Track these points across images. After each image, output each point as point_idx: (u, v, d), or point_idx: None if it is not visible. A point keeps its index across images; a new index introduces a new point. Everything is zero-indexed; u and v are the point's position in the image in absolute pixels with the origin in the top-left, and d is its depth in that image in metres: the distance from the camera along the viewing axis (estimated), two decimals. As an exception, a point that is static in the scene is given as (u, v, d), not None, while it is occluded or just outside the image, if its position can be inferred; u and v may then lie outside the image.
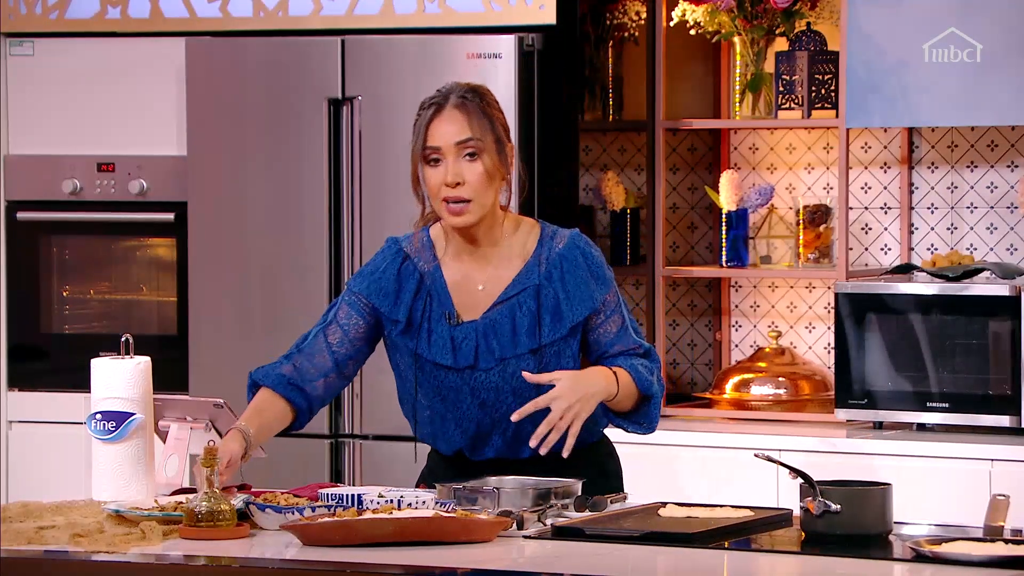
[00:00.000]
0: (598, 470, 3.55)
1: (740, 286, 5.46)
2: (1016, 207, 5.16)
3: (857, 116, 4.92)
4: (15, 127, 5.53)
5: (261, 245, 5.19)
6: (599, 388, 3.45)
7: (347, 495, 3.28)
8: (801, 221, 5.21)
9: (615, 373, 3.48)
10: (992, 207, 5.20)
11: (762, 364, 5.23)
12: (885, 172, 5.31)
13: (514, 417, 3.40)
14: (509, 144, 3.51)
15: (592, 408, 3.44)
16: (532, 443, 3.40)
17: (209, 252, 5.23)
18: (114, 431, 3.44)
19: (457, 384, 3.51)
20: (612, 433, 3.69)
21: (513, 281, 3.50)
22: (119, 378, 3.46)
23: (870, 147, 5.32)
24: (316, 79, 5.10)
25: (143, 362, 3.48)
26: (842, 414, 4.92)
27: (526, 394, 3.46)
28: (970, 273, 4.90)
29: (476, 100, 3.48)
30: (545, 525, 3.23)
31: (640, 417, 3.55)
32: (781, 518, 3.28)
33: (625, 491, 3.53)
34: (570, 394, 3.40)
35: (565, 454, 3.40)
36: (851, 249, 5.22)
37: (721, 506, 3.31)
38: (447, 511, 3.16)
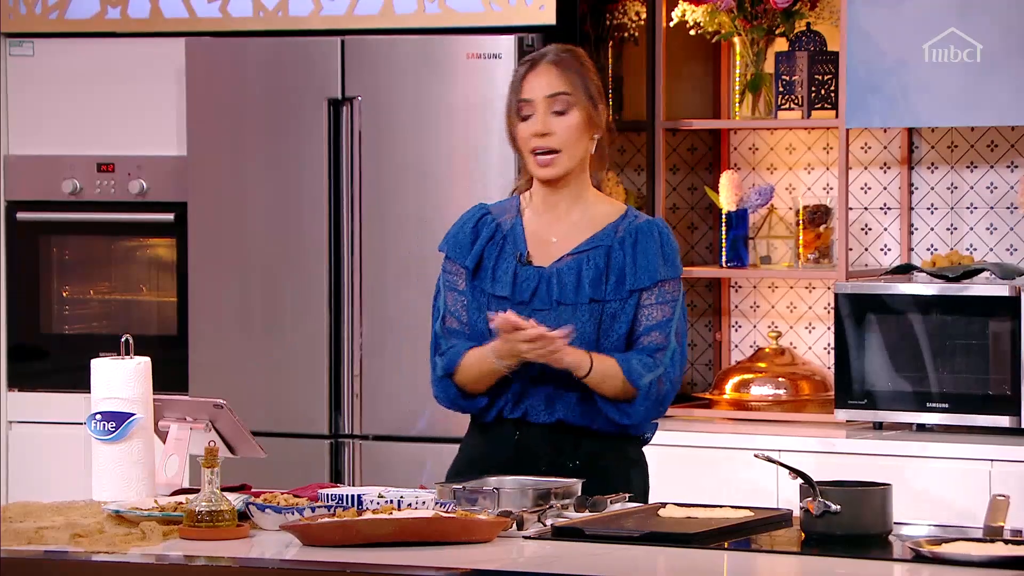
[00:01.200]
0: (623, 477, 3.54)
1: (740, 286, 5.46)
2: (1016, 207, 5.16)
3: (857, 116, 4.92)
4: (15, 127, 5.53)
5: (261, 245, 5.19)
6: (567, 352, 3.48)
7: (347, 495, 3.28)
8: (801, 221, 5.21)
9: (592, 357, 3.49)
10: (992, 207, 5.20)
11: (762, 364, 5.23)
12: (885, 172, 5.31)
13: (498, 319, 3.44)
14: (603, 106, 3.61)
15: (560, 359, 3.45)
16: (494, 324, 3.44)
17: (209, 252, 5.23)
18: (114, 431, 3.44)
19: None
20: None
21: (588, 239, 3.58)
22: (119, 378, 3.46)
23: (870, 147, 5.32)
24: (316, 79, 5.10)
25: (143, 362, 3.48)
26: (842, 414, 4.92)
27: (573, 343, 3.50)
28: (970, 273, 4.90)
29: (571, 58, 3.59)
30: (545, 525, 3.23)
31: (622, 407, 3.54)
32: (781, 518, 3.28)
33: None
34: (559, 336, 3.45)
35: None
36: (851, 249, 5.22)
37: (721, 506, 3.31)
38: (447, 511, 3.16)
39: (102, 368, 3.47)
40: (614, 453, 3.59)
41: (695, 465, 4.89)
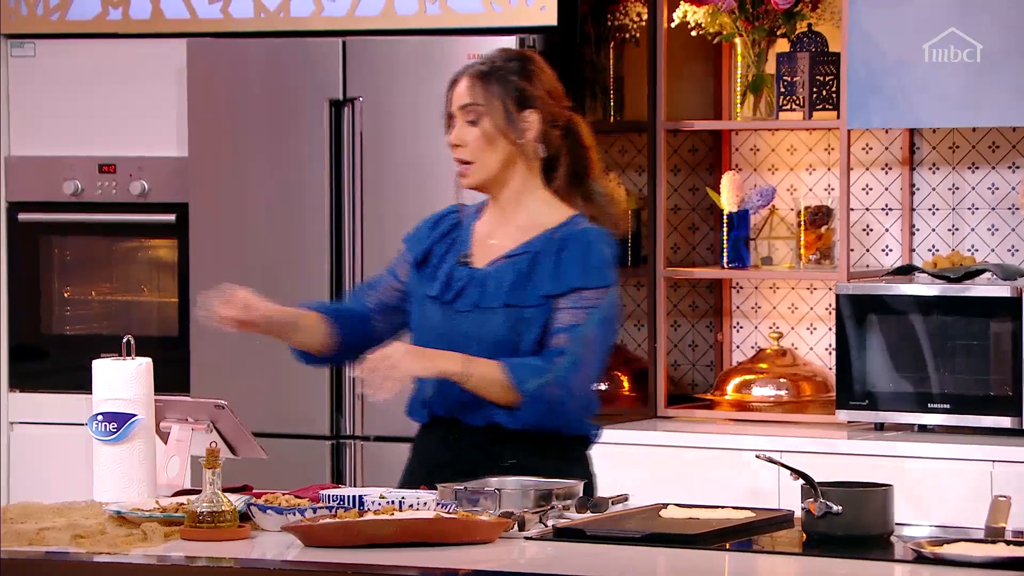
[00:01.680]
0: (562, 476, 3.54)
1: (741, 287, 5.46)
2: (1017, 208, 5.16)
3: (858, 117, 4.92)
4: (16, 128, 5.53)
5: (262, 246, 5.19)
6: (440, 360, 3.50)
7: (348, 496, 3.28)
8: (802, 222, 5.21)
9: (470, 361, 3.50)
10: (993, 208, 5.20)
11: (763, 365, 5.23)
12: (886, 173, 5.31)
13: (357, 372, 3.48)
14: (531, 111, 3.59)
15: (427, 370, 3.48)
16: (355, 373, 3.46)
17: (210, 253, 5.23)
18: (115, 432, 3.44)
19: (439, 321, 3.60)
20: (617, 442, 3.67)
21: (522, 244, 3.60)
22: (121, 379, 3.46)
23: (871, 148, 5.32)
24: (317, 80, 5.10)
25: (144, 363, 3.48)
26: (843, 415, 4.92)
27: (487, 345, 3.54)
28: (971, 274, 4.90)
29: (502, 67, 3.62)
30: (546, 526, 3.23)
31: (512, 409, 3.54)
32: (782, 519, 3.28)
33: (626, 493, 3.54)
34: (402, 350, 3.48)
35: (375, 397, 3.44)
36: (852, 250, 5.22)
37: (722, 507, 3.31)
38: (448, 512, 3.16)
39: (103, 369, 3.47)
40: (554, 452, 3.60)
41: (697, 466, 4.89)
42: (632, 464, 4.95)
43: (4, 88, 5.52)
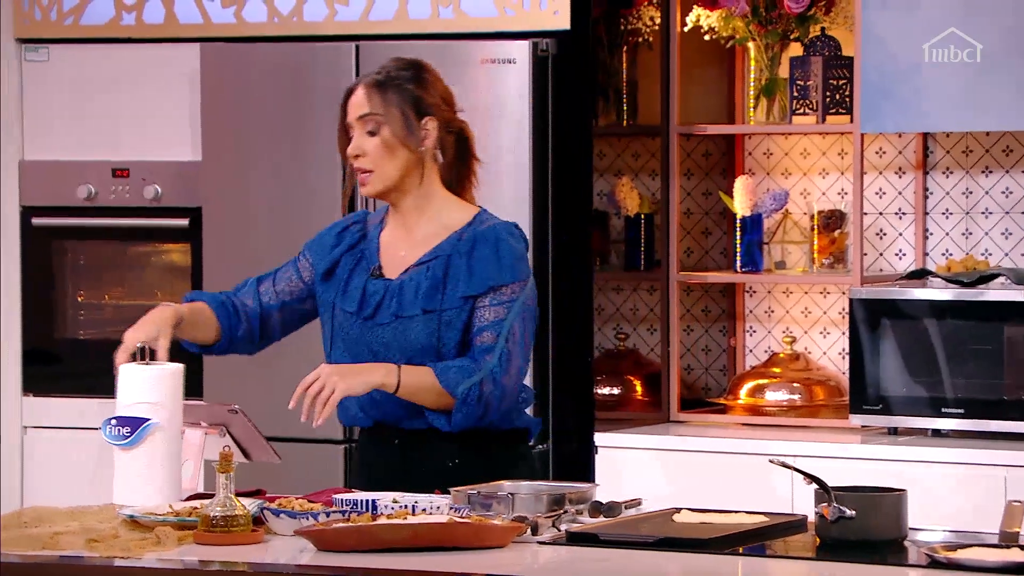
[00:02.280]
0: (505, 475, 3.56)
1: (754, 291, 5.46)
2: (1031, 212, 5.15)
3: (871, 121, 4.92)
4: (30, 133, 5.54)
5: (275, 250, 5.19)
6: (368, 373, 3.52)
7: (361, 500, 3.28)
8: (816, 226, 5.21)
9: (400, 371, 3.53)
10: (1007, 212, 5.19)
11: (776, 370, 5.22)
12: (900, 177, 5.31)
13: (292, 405, 3.49)
14: (428, 118, 3.64)
15: (357, 386, 3.50)
16: (291, 405, 3.49)
17: (223, 257, 5.23)
18: (129, 436, 3.44)
19: (358, 334, 3.63)
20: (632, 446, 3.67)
21: (431, 249, 3.63)
22: (145, 384, 3.46)
23: (885, 152, 5.31)
24: (330, 84, 5.10)
25: (173, 368, 3.49)
26: (856, 420, 4.92)
27: (411, 354, 3.57)
28: (985, 279, 4.89)
29: (396, 77, 3.65)
30: (559, 530, 3.23)
31: (446, 413, 3.57)
32: (796, 524, 3.28)
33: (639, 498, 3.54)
34: (329, 371, 3.50)
35: (315, 423, 3.46)
36: (866, 254, 5.21)
37: (736, 512, 3.31)
38: (461, 516, 3.16)
39: (129, 374, 3.48)
40: (496, 451, 3.63)
41: (710, 470, 4.89)
42: (645, 468, 4.95)
43: (18, 93, 5.54)
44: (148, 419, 3.45)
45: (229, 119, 5.22)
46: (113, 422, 3.46)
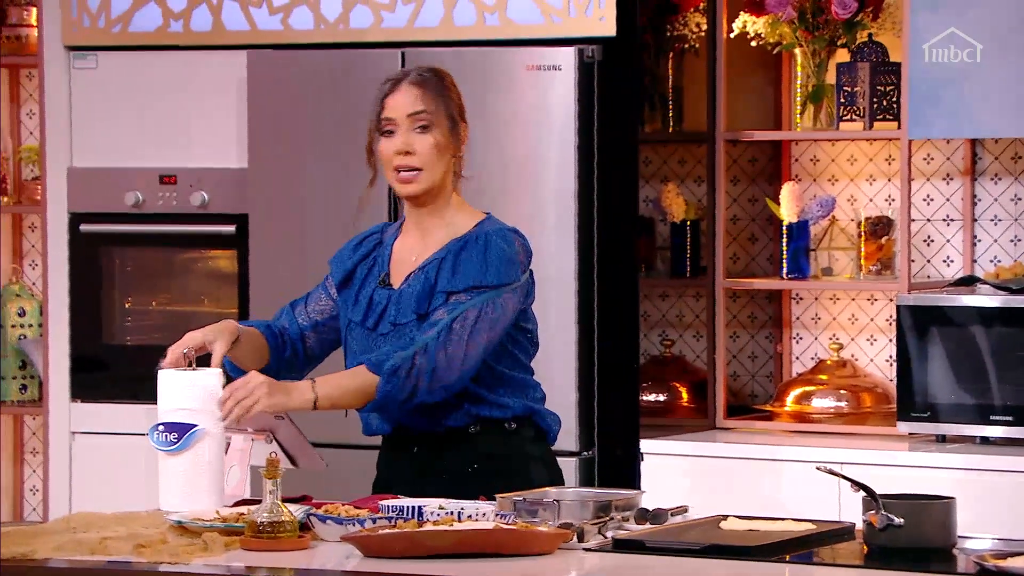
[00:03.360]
0: (523, 474, 3.57)
1: (801, 298, 5.44)
2: (1080, 218, 5.12)
3: (919, 127, 4.90)
4: (79, 140, 5.57)
5: (321, 257, 5.19)
6: (288, 397, 3.50)
7: (408, 507, 3.28)
8: (863, 233, 5.19)
9: (320, 382, 3.50)
10: (1056, 219, 5.16)
11: (823, 376, 5.20)
12: (948, 183, 5.28)
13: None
14: (463, 124, 3.67)
15: (276, 406, 3.48)
16: (220, 399, 3.46)
17: (269, 264, 5.24)
18: (176, 442, 3.46)
19: (364, 345, 3.64)
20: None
21: (431, 255, 3.64)
22: (188, 389, 3.47)
23: (932, 158, 5.29)
24: (376, 91, 5.11)
25: (214, 372, 3.50)
26: (904, 427, 4.89)
27: None
28: (1034, 285, 4.86)
29: (433, 79, 3.66)
30: (605, 537, 3.22)
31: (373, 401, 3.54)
32: (843, 531, 3.26)
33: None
34: (259, 382, 3.46)
35: (224, 423, 3.44)
36: (913, 261, 5.19)
37: (783, 519, 3.30)
38: (507, 523, 3.16)
39: (169, 379, 3.49)
40: (512, 449, 3.63)
41: (756, 477, 4.87)
42: (691, 475, 4.94)
43: (67, 100, 5.57)
44: (195, 425, 3.46)
45: (275, 126, 5.24)
46: (160, 428, 3.47)
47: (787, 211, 5.19)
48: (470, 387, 3.58)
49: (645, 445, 5.00)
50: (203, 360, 3.60)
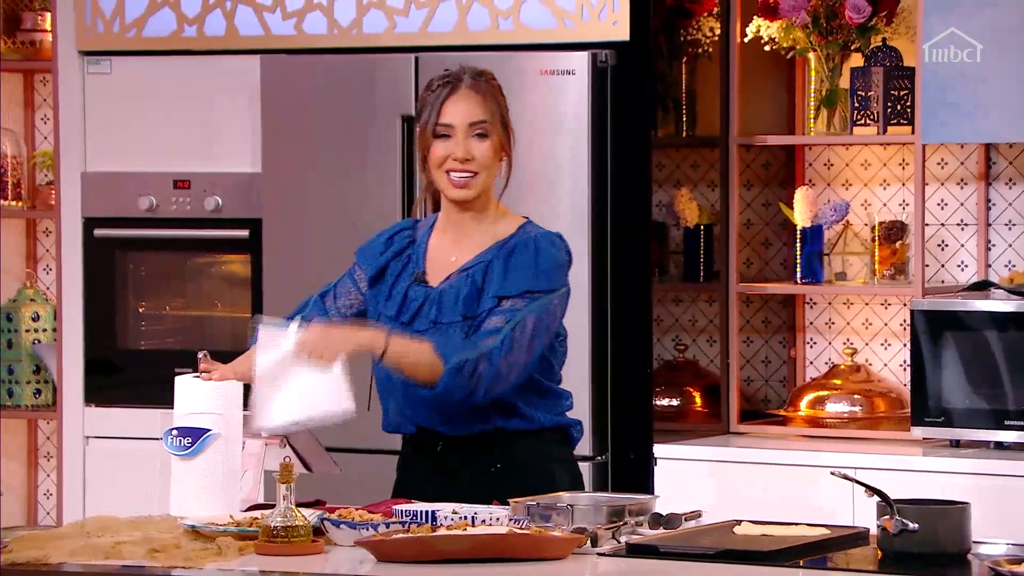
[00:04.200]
0: (546, 475, 3.59)
1: (815, 303, 5.43)
2: (1095, 223, 5.11)
3: (933, 132, 4.89)
4: (93, 144, 5.58)
5: (334, 262, 5.19)
6: (358, 333, 3.54)
7: (421, 511, 3.29)
8: (876, 237, 5.18)
9: (393, 336, 3.53)
10: (1070, 223, 5.16)
11: (837, 381, 5.20)
12: (962, 188, 5.27)
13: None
14: (511, 128, 3.71)
15: (335, 347, 3.49)
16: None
17: (283, 268, 5.25)
18: (190, 447, 3.46)
19: None
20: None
21: (475, 256, 3.65)
22: (204, 394, 3.48)
23: (946, 163, 5.28)
24: (390, 96, 5.12)
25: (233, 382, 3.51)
26: (918, 432, 4.89)
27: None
28: (1048, 290, 4.85)
29: (485, 83, 3.68)
30: (619, 542, 3.22)
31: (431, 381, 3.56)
32: (857, 536, 3.26)
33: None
34: (321, 333, 3.51)
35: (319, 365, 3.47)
36: (927, 266, 5.18)
37: (797, 524, 3.29)
38: (521, 528, 3.16)
39: (186, 385, 3.49)
40: (535, 452, 3.63)
41: (770, 482, 4.87)
42: (704, 480, 4.94)
43: (81, 104, 5.57)
44: (209, 430, 3.46)
45: (289, 130, 5.24)
46: (174, 432, 3.47)
47: (801, 216, 5.18)
48: (506, 396, 3.58)
49: (659, 450, 5.00)
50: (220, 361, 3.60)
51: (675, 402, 5.38)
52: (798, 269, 5.18)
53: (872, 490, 3.13)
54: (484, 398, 3.56)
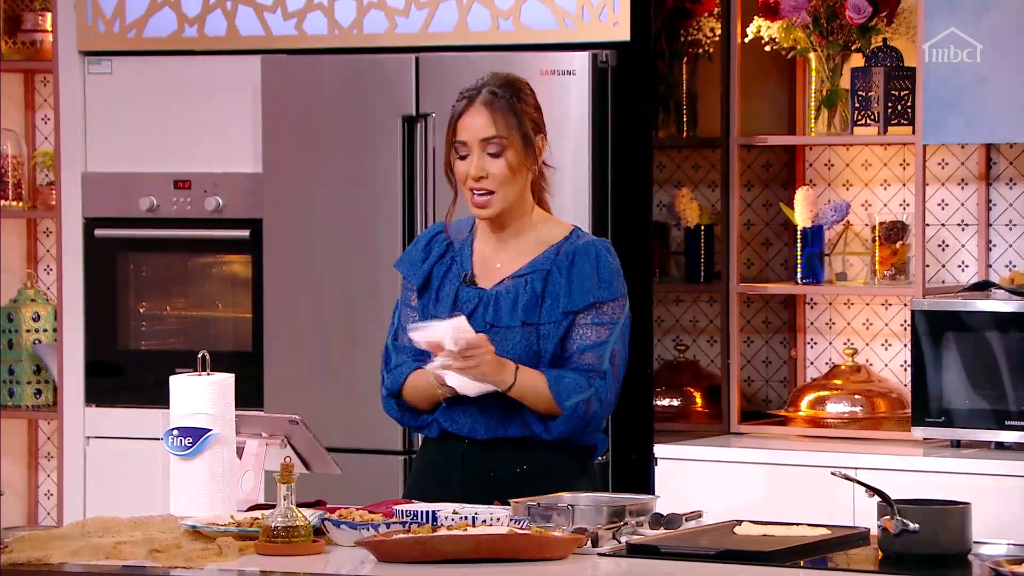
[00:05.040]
0: (568, 486, 3.58)
1: (815, 303, 5.43)
2: (1096, 223, 5.11)
3: (934, 132, 4.89)
4: (93, 145, 5.58)
5: (336, 261, 5.21)
6: (493, 371, 3.54)
7: (422, 511, 3.29)
8: (877, 238, 5.18)
9: (517, 371, 3.54)
10: (1071, 223, 5.15)
11: (838, 381, 5.20)
12: (962, 188, 5.27)
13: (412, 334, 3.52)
14: (539, 136, 3.67)
15: (486, 371, 3.51)
16: (446, 344, 3.48)
17: (284, 269, 5.25)
18: (191, 447, 3.46)
19: None
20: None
21: (529, 263, 3.65)
22: (199, 394, 3.47)
23: (947, 163, 5.28)
24: (390, 96, 5.12)
25: (224, 379, 3.50)
26: (919, 432, 4.88)
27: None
28: (1049, 290, 4.85)
29: (507, 95, 3.65)
30: (620, 542, 3.22)
31: (541, 422, 3.60)
32: (858, 537, 3.26)
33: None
34: (486, 347, 3.50)
35: (434, 368, 3.48)
36: (928, 266, 5.18)
37: (797, 524, 3.29)
38: (522, 528, 3.16)
39: (181, 384, 3.49)
40: (560, 462, 3.64)
41: (771, 482, 4.87)
42: (705, 480, 4.94)
43: (82, 105, 5.58)
44: (209, 430, 3.46)
45: (290, 131, 5.24)
46: (175, 432, 3.47)
47: (801, 216, 5.18)
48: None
49: (659, 450, 5.00)
50: (217, 366, 3.60)
51: (676, 402, 5.38)
52: (799, 269, 5.18)
53: (873, 490, 3.13)
54: (591, 434, 3.64)
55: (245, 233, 5.39)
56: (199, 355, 3.55)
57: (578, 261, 3.62)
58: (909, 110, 5.07)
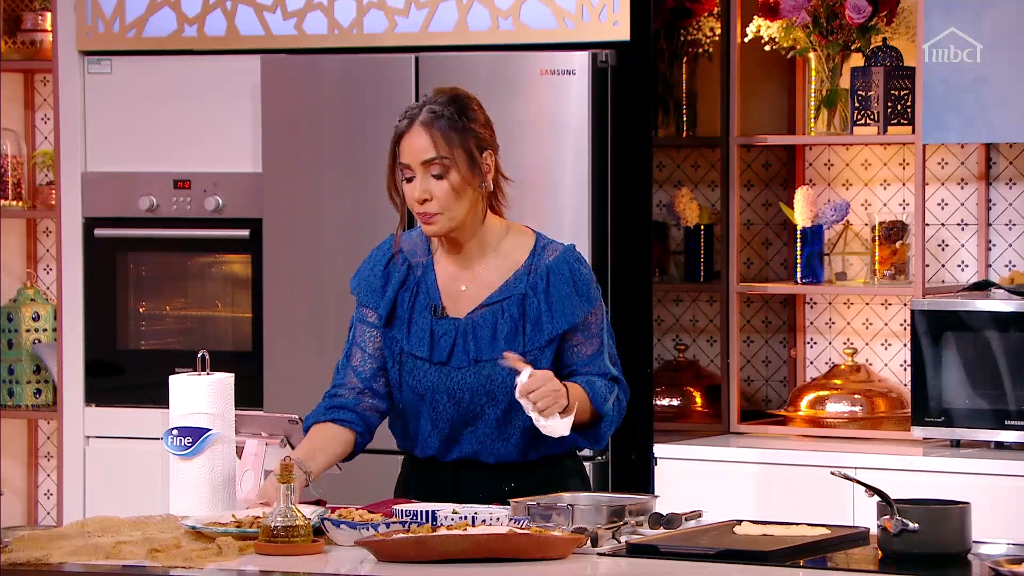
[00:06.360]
0: (560, 486, 3.58)
1: (815, 303, 5.43)
2: (1095, 223, 5.11)
3: (934, 132, 4.89)
4: (93, 144, 5.58)
5: (336, 261, 5.21)
6: (562, 391, 3.51)
7: (421, 511, 3.29)
8: (877, 237, 5.18)
9: (566, 387, 3.52)
10: (1071, 223, 5.16)
11: (837, 381, 5.20)
12: (962, 188, 5.27)
13: (503, 359, 3.47)
14: (487, 153, 3.56)
15: (562, 401, 3.47)
16: (529, 399, 3.43)
17: (284, 268, 5.25)
18: (190, 447, 3.46)
19: (434, 381, 3.58)
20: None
21: (500, 287, 3.59)
22: (198, 394, 3.48)
23: (947, 163, 5.28)
24: (390, 96, 5.12)
25: (224, 378, 3.50)
26: (919, 432, 4.89)
27: (499, 397, 3.55)
28: (1049, 290, 4.85)
29: (448, 114, 3.54)
30: (619, 542, 3.22)
31: (590, 433, 3.61)
32: (858, 536, 3.26)
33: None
34: (557, 382, 3.47)
35: (546, 418, 3.44)
36: (927, 266, 5.18)
37: (797, 524, 3.29)
38: (521, 528, 3.16)
39: (181, 384, 3.49)
40: (550, 468, 3.63)
41: (770, 482, 4.87)
42: (704, 480, 4.94)
43: (81, 105, 5.58)
44: (209, 429, 3.46)
45: (290, 130, 5.24)
46: (175, 432, 3.47)
47: (801, 216, 5.18)
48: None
49: (659, 450, 5.00)
50: (217, 366, 3.60)
51: (675, 402, 5.38)
52: (798, 269, 5.19)
53: (872, 490, 3.13)
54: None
55: (245, 233, 5.40)
56: (199, 355, 3.55)
57: (553, 282, 3.56)
58: (909, 110, 5.07)
